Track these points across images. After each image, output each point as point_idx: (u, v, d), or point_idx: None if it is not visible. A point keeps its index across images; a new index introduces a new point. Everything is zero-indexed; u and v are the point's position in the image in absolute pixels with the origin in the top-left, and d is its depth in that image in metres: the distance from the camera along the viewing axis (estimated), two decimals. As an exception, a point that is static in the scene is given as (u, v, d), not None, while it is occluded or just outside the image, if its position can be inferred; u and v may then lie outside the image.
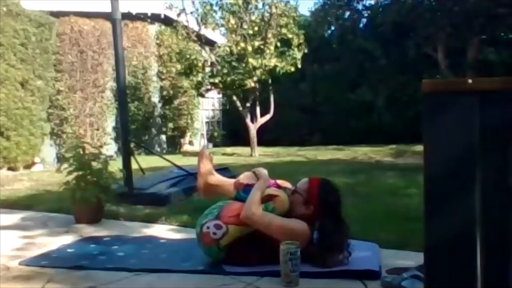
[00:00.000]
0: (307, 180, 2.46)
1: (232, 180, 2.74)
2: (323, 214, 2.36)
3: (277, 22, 9.21)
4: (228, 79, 9.29)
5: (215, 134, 14.11)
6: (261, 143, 10.11)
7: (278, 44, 9.31)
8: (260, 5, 9.53)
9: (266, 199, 2.45)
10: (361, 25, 13.49)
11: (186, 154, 10.80)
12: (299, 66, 9.49)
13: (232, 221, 2.40)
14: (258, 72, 9.09)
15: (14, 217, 3.93)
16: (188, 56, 9.71)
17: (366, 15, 13.21)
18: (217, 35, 11.33)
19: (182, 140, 12.61)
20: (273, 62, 9.05)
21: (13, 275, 2.41)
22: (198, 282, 2.27)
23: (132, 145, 4.82)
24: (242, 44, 8.98)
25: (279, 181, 2.63)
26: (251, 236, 2.40)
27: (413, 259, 2.33)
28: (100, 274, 2.39)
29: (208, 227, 2.41)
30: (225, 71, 9.29)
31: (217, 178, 2.82)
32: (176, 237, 3.16)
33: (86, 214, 3.63)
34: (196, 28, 9.70)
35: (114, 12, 4.36)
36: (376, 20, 11.86)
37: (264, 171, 2.59)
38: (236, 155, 9.85)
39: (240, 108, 9.73)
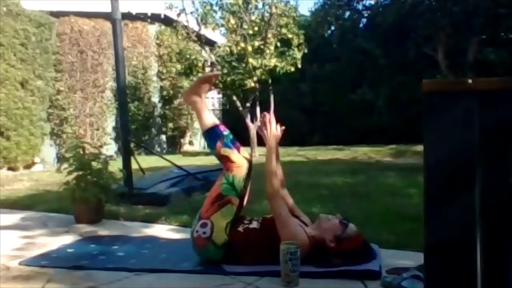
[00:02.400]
0: (356, 232, 2.40)
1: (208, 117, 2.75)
2: (336, 256, 2.34)
3: (277, 22, 9.21)
4: (228, 79, 9.28)
5: (215, 134, 14.08)
6: (261, 143, 10.09)
7: (278, 44, 9.30)
8: (260, 5, 9.52)
9: (224, 160, 2.56)
10: (361, 25, 13.50)
11: (186, 154, 10.80)
12: (299, 66, 9.48)
13: (210, 212, 2.44)
14: (258, 72, 9.09)
15: (14, 217, 3.93)
16: (188, 56, 9.70)
17: (366, 15, 13.22)
18: (217, 35, 11.33)
19: (182, 140, 12.60)
20: (273, 62, 9.04)
21: (13, 275, 2.41)
22: (198, 282, 2.27)
23: (132, 145, 4.82)
24: (242, 44, 8.97)
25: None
26: (250, 234, 2.41)
27: (413, 259, 2.33)
28: (100, 274, 2.39)
29: (197, 231, 2.44)
30: (225, 71, 9.29)
31: (195, 100, 2.75)
32: (176, 237, 3.16)
33: (86, 214, 3.63)
34: (196, 28, 9.70)
35: (114, 12, 4.36)
36: (376, 20, 11.86)
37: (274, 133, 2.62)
38: (236, 155, 9.83)
39: (240, 108, 9.73)
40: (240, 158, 2.59)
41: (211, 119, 2.75)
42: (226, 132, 2.71)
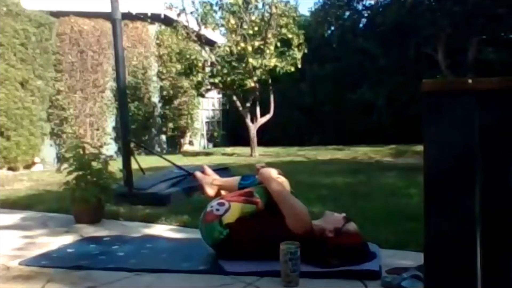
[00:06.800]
0: (357, 229, 2.43)
1: (234, 177, 2.83)
2: (334, 251, 2.34)
3: (277, 22, 9.21)
4: (228, 79, 9.29)
5: (215, 134, 14.11)
6: (261, 143, 10.11)
7: (278, 44, 9.31)
8: (260, 5, 9.53)
9: (250, 202, 2.50)
10: (361, 25, 13.50)
11: (186, 154, 10.81)
12: (299, 66, 9.49)
13: (234, 199, 2.49)
14: (258, 72, 9.10)
15: (14, 217, 3.93)
16: (188, 56, 9.71)
17: (366, 15, 13.22)
18: (217, 35, 11.33)
19: (182, 140, 12.61)
20: (273, 62, 9.05)
21: (13, 275, 2.41)
22: (198, 282, 2.27)
23: (132, 145, 4.82)
24: (242, 44, 8.98)
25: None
26: (254, 221, 2.43)
27: (413, 259, 2.33)
28: (100, 274, 2.39)
29: (211, 206, 2.50)
30: (225, 71, 9.30)
31: (220, 179, 2.88)
32: (176, 237, 3.16)
33: (86, 214, 3.63)
34: (196, 28, 9.70)
35: (114, 12, 4.36)
36: (376, 20, 11.86)
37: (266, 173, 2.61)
38: (236, 155, 9.85)
39: (240, 108, 9.73)
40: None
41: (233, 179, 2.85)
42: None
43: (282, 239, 2.21)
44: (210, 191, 2.81)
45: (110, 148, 10.08)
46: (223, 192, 2.79)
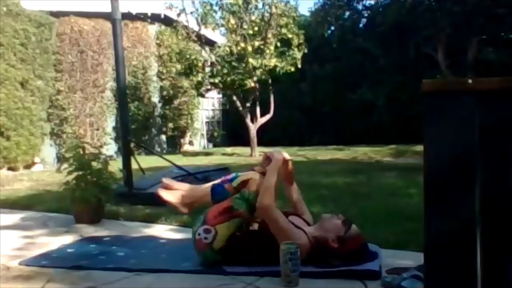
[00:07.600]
0: (358, 231, 2.40)
1: (204, 187, 2.72)
2: (338, 257, 2.33)
3: (277, 22, 9.21)
4: (228, 79, 9.29)
5: (215, 134, 14.11)
6: (261, 143, 10.10)
7: (278, 44, 9.31)
8: (260, 5, 9.53)
9: (240, 187, 2.47)
10: (361, 25, 13.50)
11: (186, 154, 10.81)
12: (299, 66, 9.48)
13: (217, 221, 2.41)
14: (258, 72, 9.09)
15: (14, 217, 3.93)
16: (188, 56, 9.71)
17: (366, 15, 13.22)
18: (217, 35, 11.33)
19: (182, 140, 12.61)
20: (273, 62, 9.05)
21: (13, 275, 2.41)
22: (198, 282, 2.27)
23: (132, 145, 4.82)
24: (242, 44, 8.97)
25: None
26: (246, 238, 2.40)
27: (413, 259, 2.33)
28: (100, 274, 2.39)
29: (199, 234, 2.43)
30: (225, 71, 9.29)
31: (189, 194, 2.75)
32: (176, 237, 3.16)
33: (86, 214, 3.63)
34: (196, 28, 9.70)
35: (114, 12, 4.36)
36: (376, 20, 11.86)
37: (278, 155, 2.61)
38: (236, 155, 9.85)
39: (240, 108, 9.73)
40: (252, 173, 2.57)
41: (204, 187, 2.74)
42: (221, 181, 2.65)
43: (277, 247, 2.20)
44: (184, 209, 2.74)
45: (110, 148, 10.08)
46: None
